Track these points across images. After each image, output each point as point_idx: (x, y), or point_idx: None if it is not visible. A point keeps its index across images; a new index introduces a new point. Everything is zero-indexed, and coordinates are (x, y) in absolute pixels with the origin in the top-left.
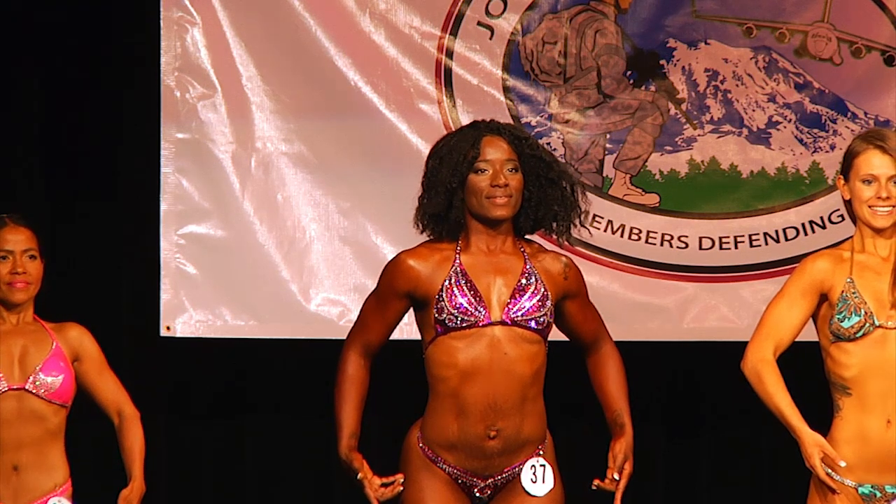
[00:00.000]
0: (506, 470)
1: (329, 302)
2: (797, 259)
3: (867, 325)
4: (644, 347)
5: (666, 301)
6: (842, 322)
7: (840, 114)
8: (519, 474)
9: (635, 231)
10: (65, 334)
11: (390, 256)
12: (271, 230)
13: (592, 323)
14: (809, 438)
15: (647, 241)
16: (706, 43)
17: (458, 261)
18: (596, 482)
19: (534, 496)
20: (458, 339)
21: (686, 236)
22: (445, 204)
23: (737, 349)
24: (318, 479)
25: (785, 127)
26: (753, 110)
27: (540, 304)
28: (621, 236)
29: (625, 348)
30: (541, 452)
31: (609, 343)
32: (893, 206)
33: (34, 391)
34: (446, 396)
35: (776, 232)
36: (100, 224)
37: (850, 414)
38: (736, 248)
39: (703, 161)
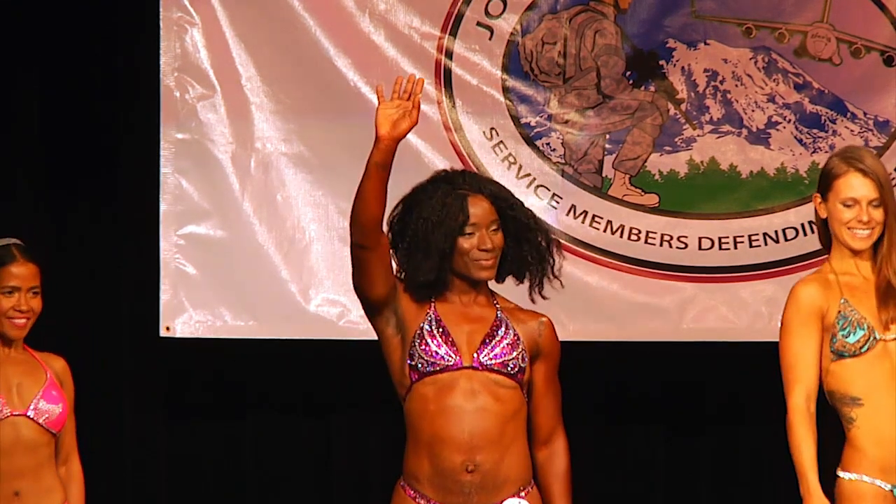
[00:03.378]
0: None
1: (329, 302)
2: (796, 259)
3: (871, 338)
4: (643, 348)
5: (665, 301)
6: (846, 338)
7: (839, 114)
8: None
9: (635, 231)
10: (52, 365)
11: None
12: (271, 230)
13: (553, 405)
14: (818, 502)
15: (646, 242)
16: (705, 43)
17: (433, 309)
18: None
19: None
20: (430, 385)
21: (685, 236)
22: (438, 268)
23: (736, 349)
24: (319, 480)
25: (784, 127)
26: (753, 110)
27: (510, 347)
28: (620, 236)
29: (624, 349)
30: (522, 494)
31: (564, 439)
32: (872, 229)
33: (35, 418)
34: (422, 433)
35: (776, 232)
36: (99, 224)
37: (865, 422)
38: (735, 248)
39: (702, 161)
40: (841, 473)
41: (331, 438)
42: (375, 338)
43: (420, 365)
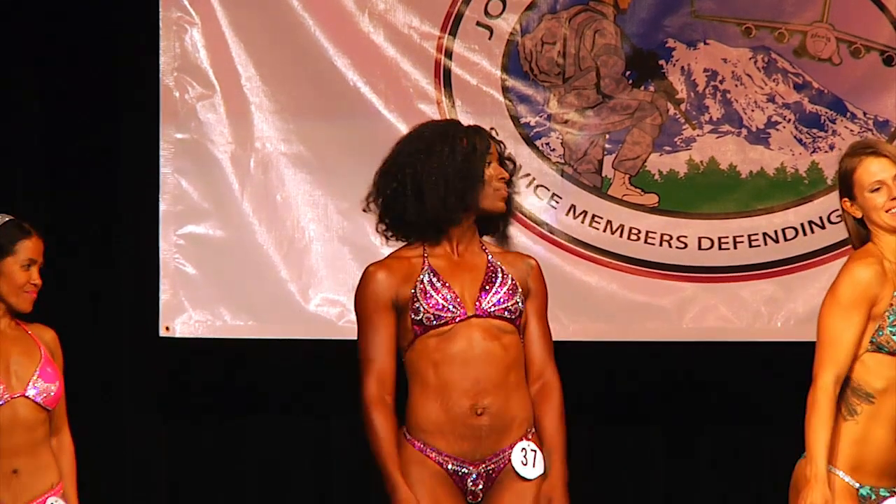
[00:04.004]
0: (497, 453)
1: (328, 302)
2: (796, 259)
3: None
4: (643, 347)
5: (665, 301)
6: (894, 335)
7: (839, 114)
8: (510, 460)
9: (634, 231)
10: (43, 338)
11: None
12: (270, 230)
13: (544, 342)
14: (822, 491)
15: (646, 242)
16: (705, 43)
17: (427, 263)
18: None
19: (524, 478)
20: (435, 337)
21: (685, 236)
22: (464, 204)
23: (736, 349)
24: (319, 479)
25: (784, 127)
26: (752, 110)
27: (510, 293)
28: (620, 236)
29: (623, 348)
30: (529, 436)
31: (556, 375)
32: None
33: (33, 398)
34: (428, 384)
35: (775, 232)
36: (99, 224)
37: (865, 420)
38: (735, 248)
39: (702, 161)
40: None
41: (331, 438)
42: None
43: (425, 320)
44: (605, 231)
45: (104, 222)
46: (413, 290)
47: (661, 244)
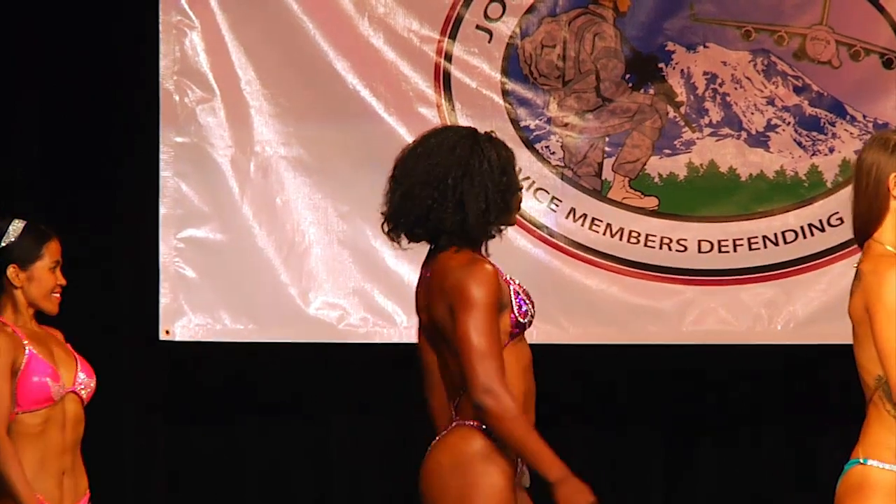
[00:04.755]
0: None
1: (328, 305)
2: (796, 262)
3: None
4: (643, 350)
5: (665, 304)
6: None
7: (839, 117)
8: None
9: (634, 234)
10: (60, 338)
11: (389, 260)
12: (270, 234)
13: None
14: None
15: (645, 245)
16: (705, 46)
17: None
18: None
19: (526, 488)
20: (520, 342)
21: (685, 239)
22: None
23: (736, 352)
24: (319, 482)
25: (783, 130)
26: (752, 113)
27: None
28: (620, 239)
29: (623, 351)
30: None
31: None
32: None
33: (79, 392)
34: (519, 391)
35: (775, 235)
36: (99, 228)
37: None
38: (735, 251)
39: (701, 164)
40: (873, 462)
41: (330, 441)
42: (375, 341)
43: (527, 324)
44: (604, 234)
45: (104, 226)
46: (509, 292)
47: (660, 247)
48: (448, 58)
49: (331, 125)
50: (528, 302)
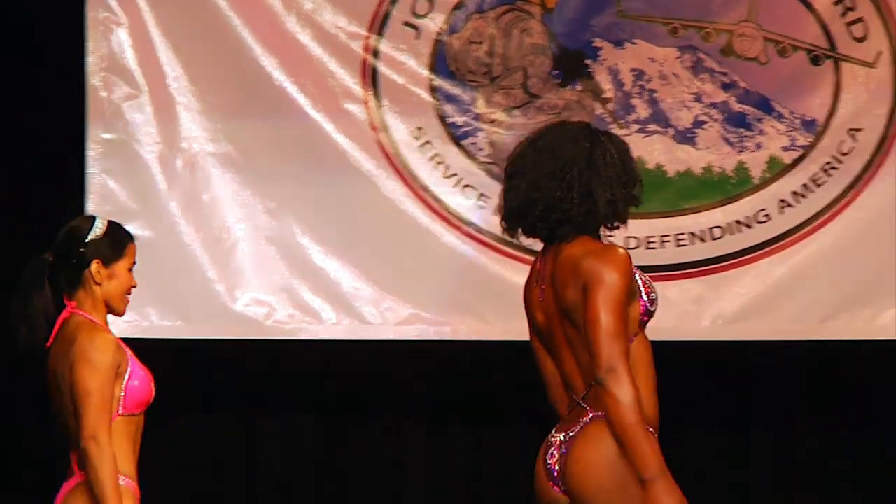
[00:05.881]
0: None
1: (256, 302)
2: (723, 259)
3: None
4: None
5: None
6: None
7: (766, 113)
8: None
9: None
10: None
11: (316, 257)
12: (198, 230)
13: None
14: None
15: None
16: (632, 42)
17: None
18: None
19: None
20: (644, 332)
21: (612, 236)
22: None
23: (664, 348)
24: (244, 481)
25: (711, 126)
26: (679, 110)
27: None
28: None
29: None
30: None
31: None
32: None
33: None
34: (644, 380)
35: (702, 231)
36: (25, 225)
37: None
38: (662, 247)
39: None
40: None
41: (258, 438)
42: (302, 337)
43: (653, 309)
44: None
45: (30, 223)
46: (638, 280)
47: None
48: (375, 54)
49: (258, 122)
50: (654, 291)
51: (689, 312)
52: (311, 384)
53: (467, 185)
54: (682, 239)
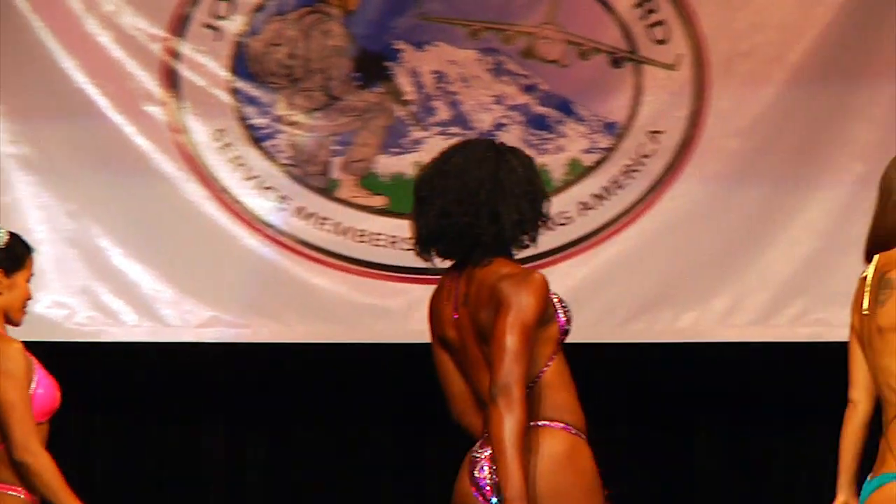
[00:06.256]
0: None
1: (56, 304)
2: (525, 261)
3: None
4: (370, 349)
5: (392, 303)
6: None
7: (567, 116)
8: None
9: (363, 233)
10: None
11: (116, 259)
12: None
13: None
14: None
15: (374, 244)
16: (433, 45)
17: None
18: None
19: None
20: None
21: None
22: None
23: None
24: None
25: (512, 129)
26: (480, 112)
27: None
28: (349, 238)
29: (352, 350)
30: None
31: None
32: None
33: None
34: (573, 391)
35: None
36: None
37: None
38: None
39: None
40: None
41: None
42: (102, 340)
43: (569, 328)
44: (333, 233)
45: None
46: (553, 301)
47: (389, 246)
48: (176, 56)
49: (59, 123)
50: (569, 310)
51: None
52: (112, 386)
53: (268, 188)
54: None
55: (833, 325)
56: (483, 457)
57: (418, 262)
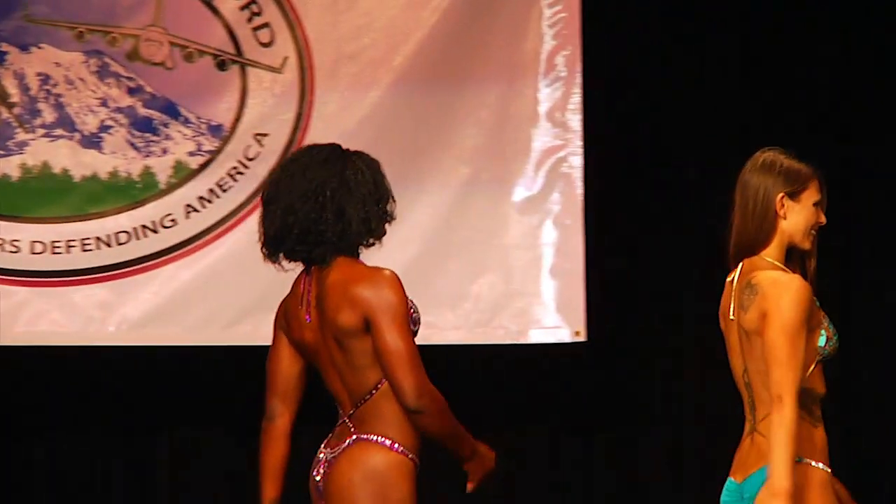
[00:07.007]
0: None
1: None
2: (129, 263)
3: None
4: None
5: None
6: (829, 341)
7: (173, 118)
8: None
9: None
10: None
11: None
12: None
13: None
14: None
15: None
16: (38, 47)
17: None
18: None
19: None
20: None
21: (18, 240)
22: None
23: (69, 353)
24: None
25: (117, 131)
26: (86, 114)
27: None
28: None
29: None
30: None
31: None
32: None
33: None
34: None
35: (108, 236)
36: None
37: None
38: (68, 252)
39: (35, 165)
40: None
41: None
42: None
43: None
44: None
45: None
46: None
47: None
48: None
49: None
50: (415, 310)
51: (95, 318)
52: None
53: None
54: (88, 244)
55: (440, 328)
56: (322, 459)
57: (24, 265)
